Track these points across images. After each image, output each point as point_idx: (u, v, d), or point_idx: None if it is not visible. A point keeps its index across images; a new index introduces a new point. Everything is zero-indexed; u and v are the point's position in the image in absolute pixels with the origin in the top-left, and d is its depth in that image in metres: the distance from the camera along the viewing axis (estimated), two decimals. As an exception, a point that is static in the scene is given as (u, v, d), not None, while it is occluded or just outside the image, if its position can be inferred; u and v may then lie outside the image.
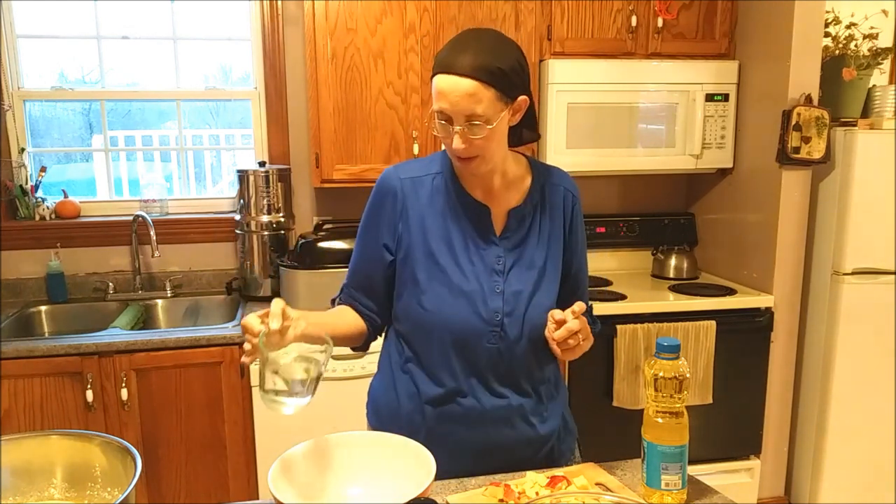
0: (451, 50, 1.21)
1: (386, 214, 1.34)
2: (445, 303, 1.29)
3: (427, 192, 1.33)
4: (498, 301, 1.30)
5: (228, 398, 2.30)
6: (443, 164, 1.36)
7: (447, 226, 1.32)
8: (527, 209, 1.35)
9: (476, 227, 1.32)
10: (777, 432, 2.78)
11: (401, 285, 1.35)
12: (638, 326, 2.50)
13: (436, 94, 1.21)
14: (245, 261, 2.71)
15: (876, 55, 2.68)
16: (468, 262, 1.31)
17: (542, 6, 2.63)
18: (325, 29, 2.49)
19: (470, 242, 1.32)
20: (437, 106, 1.21)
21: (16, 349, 2.15)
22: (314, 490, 1.12)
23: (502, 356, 1.31)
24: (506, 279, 1.31)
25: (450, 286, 1.30)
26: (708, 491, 1.25)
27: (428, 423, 1.33)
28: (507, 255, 1.32)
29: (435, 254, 1.31)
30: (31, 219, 2.73)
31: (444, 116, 1.22)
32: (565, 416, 1.45)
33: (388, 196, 1.34)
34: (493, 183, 1.34)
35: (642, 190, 3.19)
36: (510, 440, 1.34)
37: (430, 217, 1.32)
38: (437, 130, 1.24)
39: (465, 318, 1.29)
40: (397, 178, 1.34)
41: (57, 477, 1.09)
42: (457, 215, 1.32)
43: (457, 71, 1.18)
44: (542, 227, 1.36)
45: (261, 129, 2.89)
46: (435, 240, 1.31)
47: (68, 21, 2.74)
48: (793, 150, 2.54)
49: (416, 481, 1.05)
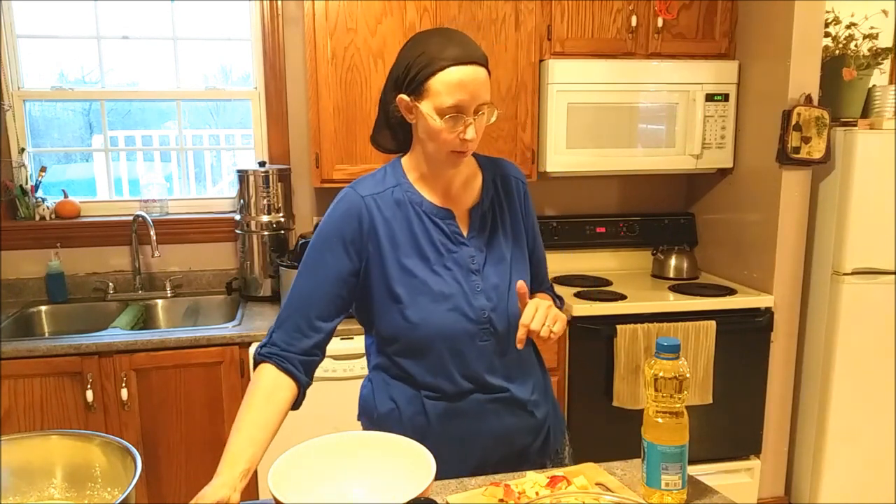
0: (446, 45, 1.21)
1: (350, 236, 1.28)
2: (431, 312, 1.28)
3: (389, 206, 1.31)
4: (482, 299, 1.31)
5: (228, 398, 2.30)
6: (396, 176, 1.34)
7: (415, 236, 1.31)
8: (486, 205, 1.36)
9: (444, 232, 1.32)
10: (777, 432, 2.78)
11: (378, 306, 1.32)
12: (638, 326, 2.50)
13: (449, 88, 1.19)
14: (245, 261, 2.71)
15: (876, 55, 2.68)
16: (444, 268, 1.30)
17: (542, 6, 2.63)
18: (325, 29, 2.49)
19: (441, 247, 1.31)
20: (452, 100, 1.19)
21: (16, 349, 2.15)
22: (314, 490, 1.12)
23: (495, 351, 1.33)
24: (483, 276, 1.32)
25: (432, 295, 1.29)
26: (708, 491, 1.25)
27: (432, 424, 1.33)
28: (478, 254, 1.33)
29: (409, 267, 1.29)
30: (31, 219, 2.73)
31: (456, 110, 1.21)
32: (552, 397, 1.47)
33: (353, 217, 1.29)
34: (453, 184, 1.35)
35: (642, 190, 3.19)
36: (512, 430, 1.36)
37: (398, 230, 1.30)
38: (442, 126, 1.22)
39: (454, 322, 1.29)
40: (359, 197, 1.30)
41: (57, 477, 1.09)
42: (423, 224, 1.31)
43: (472, 60, 1.19)
44: (502, 219, 1.37)
45: (261, 129, 2.89)
46: (407, 253, 1.30)
47: (68, 21, 2.74)
48: (793, 150, 2.54)
49: (416, 481, 1.05)
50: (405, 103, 1.26)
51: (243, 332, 2.29)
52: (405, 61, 1.24)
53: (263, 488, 2.34)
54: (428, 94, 1.21)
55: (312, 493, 1.11)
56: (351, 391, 2.31)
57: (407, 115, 1.28)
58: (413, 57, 1.23)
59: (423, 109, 1.23)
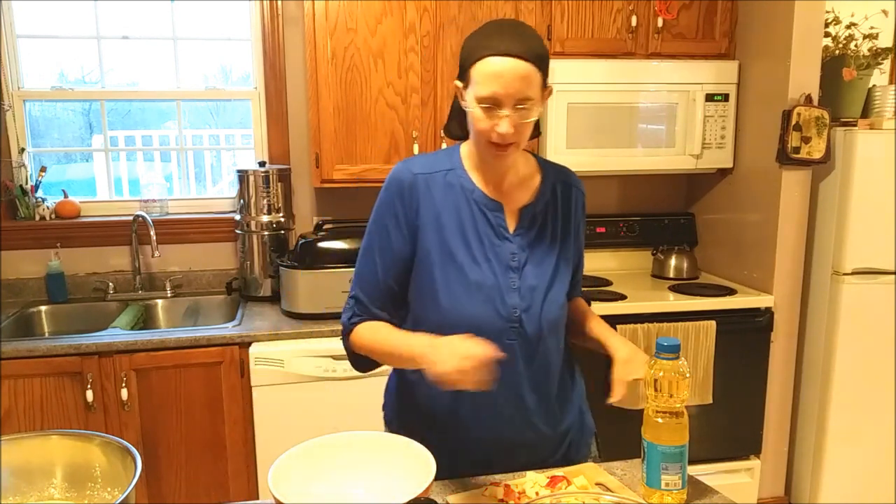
0: (494, 35, 1.20)
1: (404, 211, 1.30)
2: (463, 299, 1.28)
3: (440, 188, 1.31)
4: (515, 297, 1.29)
5: (228, 398, 2.30)
6: (453, 161, 1.35)
7: (462, 222, 1.30)
8: (538, 207, 1.35)
9: (490, 223, 1.31)
10: (777, 432, 2.78)
11: (417, 285, 1.33)
12: (638, 326, 2.50)
13: (485, 78, 1.19)
14: (245, 261, 2.71)
15: (876, 55, 2.68)
16: (484, 259, 1.29)
17: (542, 6, 2.63)
18: (325, 29, 2.49)
19: (485, 239, 1.30)
20: (488, 90, 1.19)
21: (16, 349, 2.15)
22: (314, 490, 1.12)
23: (521, 354, 1.31)
24: (521, 275, 1.31)
25: (466, 283, 1.28)
26: (708, 491, 1.25)
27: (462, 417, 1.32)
28: (520, 252, 1.32)
29: (452, 250, 1.29)
30: (31, 219, 2.73)
31: (492, 101, 1.20)
32: (582, 410, 1.46)
33: (403, 192, 1.30)
34: (506, 179, 1.34)
35: (642, 190, 3.19)
36: (529, 438, 1.34)
37: (445, 213, 1.30)
38: (479, 115, 1.22)
39: (484, 314, 1.28)
40: (410, 174, 1.32)
41: (57, 477, 1.09)
42: (471, 212, 1.31)
43: (513, 53, 1.18)
44: (553, 225, 1.36)
45: (261, 129, 2.89)
46: (451, 236, 1.29)
47: (68, 21, 2.74)
48: (793, 150, 2.54)
49: (416, 481, 1.05)
50: (458, 90, 1.28)
51: (243, 332, 2.29)
52: (463, 48, 1.26)
53: (263, 488, 2.34)
54: (471, 81, 1.22)
55: (312, 493, 1.11)
56: (351, 391, 2.32)
57: (461, 101, 1.29)
58: (467, 44, 1.25)
59: (467, 97, 1.25)
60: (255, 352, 2.27)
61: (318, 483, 1.13)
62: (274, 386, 2.27)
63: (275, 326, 2.35)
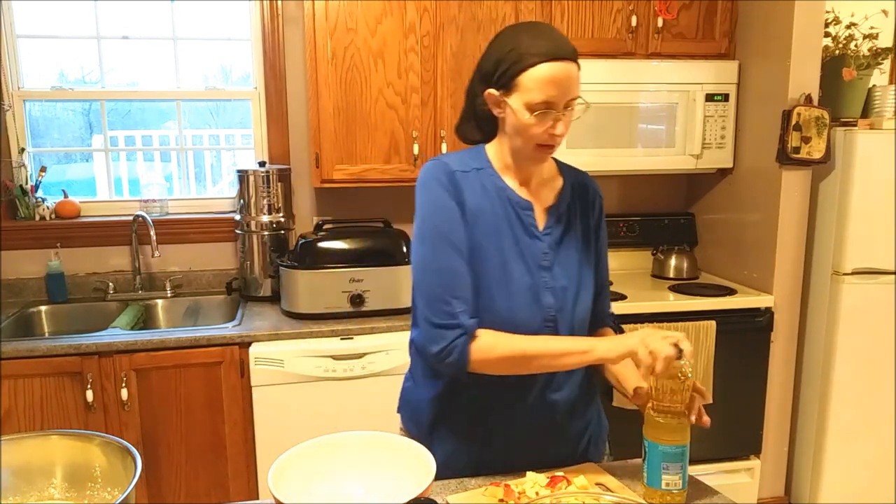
0: (538, 39, 1.20)
1: (456, 201, 1.28)
2: (500, 298, 1.27)
3: (475, 185, 1.31)
4: (549, 297, 1.30)
5: (228, 398, 2.30)
6: (481, 160, 1.34)
7: (497, 219, 1.30)
8: (562, 208, 1.36)
9: (522, 223, 1.31)
10: (777, 432, 2.78)
11: None
12: (638, 326, 2.50)
13: (540, 84, 1.19)
14: (245, 261, 2.71)
15: (876, 55, 2.68)
16: (519, 257, 1.29)
17: (542, 6, 2.63)
18: (325, 29, 2.49)
19: (519, 237, 1.30)
20: (543, 96, 1.20)
21: (16, 349, 2.15)
22: (314, 490, 1.12)
23: None
24: (552, 275, 1.31)
25: (502, 282, 1.28)
26: (708, 491, 1.25)
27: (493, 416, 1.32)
28: (550, 252, 1.32)
29: (488, 248, 1.28)
30: (31, 219, 2.73)
31: (547, 105, 1.21)
32: (599, 408, 1.47)
33: (448, 185, 1.29)
34: (533, 180, 1.35)
35: (642, 190, 3.19)
36: (556, 435, 1.35)
37: (482, 210, 1.30)
38: (532, 121, 1.22)
39: (521, 313, 1.28)
40: (449, 168, 1.30)
41: (57, 477, 1.09)
42: (504, 210, 1.31)
43: (565, 56, 1.19)
44: (575, 226, 1.36)
45: (261, 129, 2.89)
46: (487, 233, 1.29)
47: (68, 21, 2.74)
48: (793, 150, 2.54)
49: (416, 481, 1.05)
50: (494, 98, 1.27)
51: (243, 332, 2.29)
52: (495, 56, 1.25)
53: (263, 488, 2.34)
54: (518, 89, 1.22)
55: (312, 493, 1.11)
56: (351, 391, 2.32)
57: (494, 109, 1.28)
58: (503, 52, 1.23)
59: (512, 104, 1.23)
60: (255, 352, 2.27)
61: (318, 483, 1.13)
62: (274, 386, 2.28)
63: (275, 326, 2.35)
